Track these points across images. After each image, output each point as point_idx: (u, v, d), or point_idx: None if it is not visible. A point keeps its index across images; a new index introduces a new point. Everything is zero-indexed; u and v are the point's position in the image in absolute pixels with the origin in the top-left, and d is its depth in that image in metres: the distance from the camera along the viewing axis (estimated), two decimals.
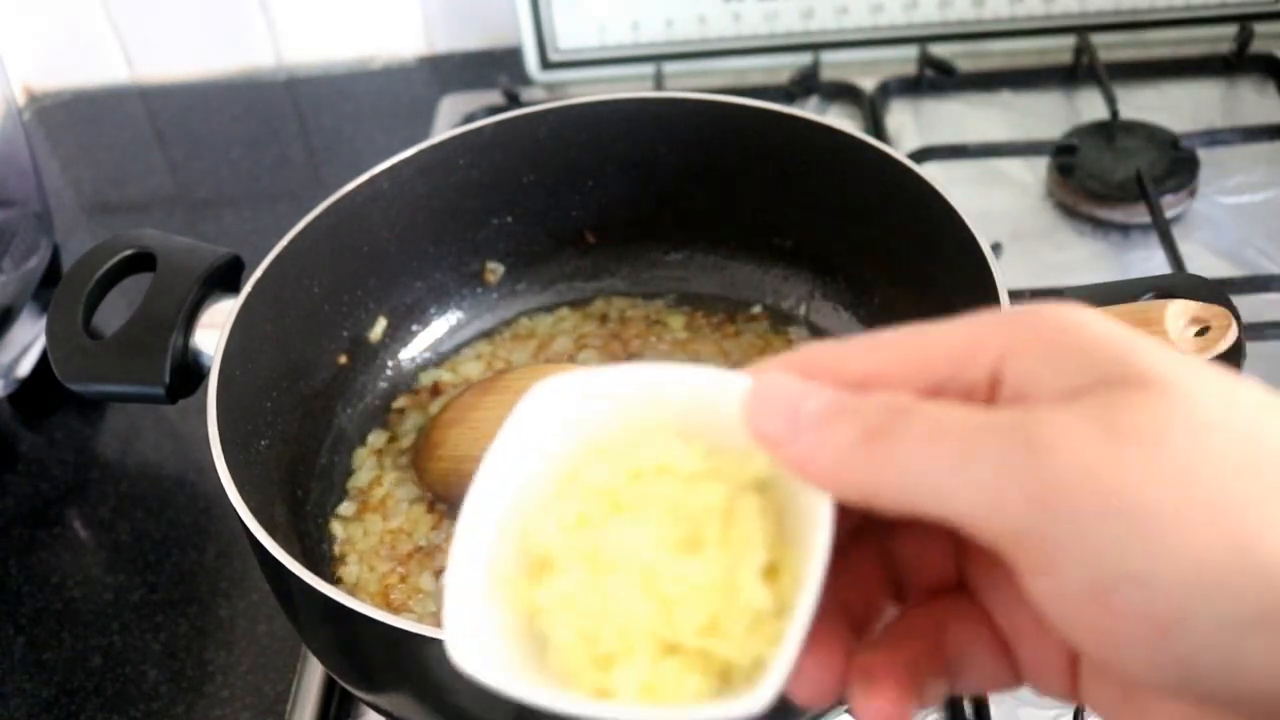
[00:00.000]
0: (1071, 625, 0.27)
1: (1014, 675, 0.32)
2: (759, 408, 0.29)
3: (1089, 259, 0.85)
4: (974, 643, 0.32)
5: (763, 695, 0.28)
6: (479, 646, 0.31)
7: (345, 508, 0.69)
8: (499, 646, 0.31)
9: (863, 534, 0.33)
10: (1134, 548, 0.25)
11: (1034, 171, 0.92)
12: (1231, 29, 0.99)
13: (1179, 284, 0.57)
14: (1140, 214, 0.85)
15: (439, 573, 0.64)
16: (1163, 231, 0.81)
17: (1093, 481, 0.25)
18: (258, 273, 0.63)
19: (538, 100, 0.82)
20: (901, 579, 0.33)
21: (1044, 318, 0.28)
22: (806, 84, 1.00)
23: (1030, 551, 0.26)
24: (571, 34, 1.04)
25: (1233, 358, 0.54)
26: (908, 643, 0.31)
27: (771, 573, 0.31)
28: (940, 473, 0.26)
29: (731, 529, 0.31)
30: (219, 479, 0.53)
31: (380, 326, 0.74)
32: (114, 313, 0.72)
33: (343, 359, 0.72)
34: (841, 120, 0.95)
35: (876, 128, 0.96)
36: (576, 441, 0.33)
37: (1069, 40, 1.00)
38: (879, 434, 0.27)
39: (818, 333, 0.75)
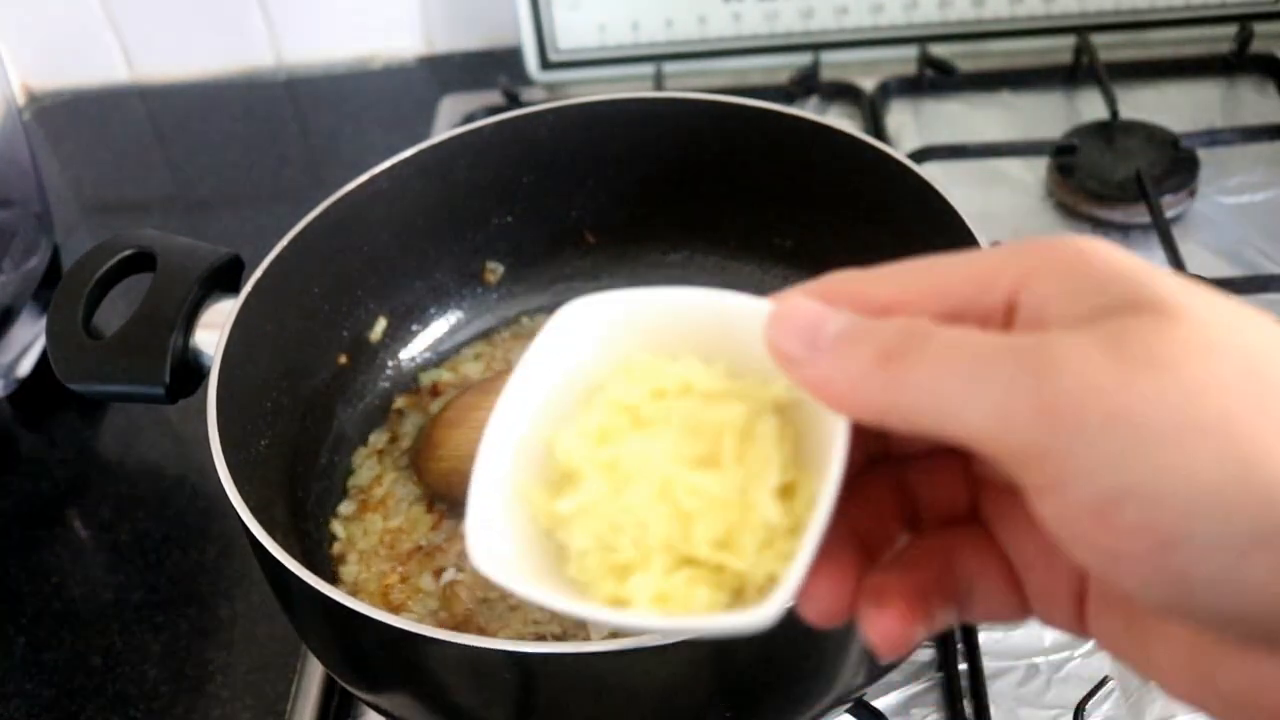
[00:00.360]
0: (1076, 543, 0.27)
1: (1022, 607, 0.32)
2: (780, 328, 0.30)
3: None
4: (984, 572, 0.32)
5: (771, 609, 0.29)
6: (500, 554, 0.32)
7: (345, 508, 0.69)
8: (519, 555, 0.32)
9: (879, 464, 0.34)
10: (1137, 462, 0.25)
11: (1034, 171, 0.92)
12: (1231, 29, 0.99)
13: None
14: (1140, 214, 0.85)
15: (439, 572, 0.64)
16: (1163, 231, 0.81)
17: (1099, 397, 0.25)
18: (258, 273, 0.63)
19: (538, 100, 0.82)
20: (915, 508, 0.34)
21: (1061, 246, 0.29)
22: (806, 84, 1.00)
23: (1037, 469, 0.26)
24: (571, 34, 1.04)
25: None
26: (918, 569, 0.32)
27: (787, 493, 0.31)
28: (953, 393, 0.27)
29: (749, 448, 0.31)
30: (219, 479, 0.53)
31: (380, 326, 0.74)
32: (114, 313, 0.72)
33: (343, 359, 0.72)
34: (841, 120, 0.95)
35: (876, 128, 0.96)
36: (601, 360, 0.34)
37: (1069, 40, 1.00)
38: (896, 356, 0.28)
39: None
